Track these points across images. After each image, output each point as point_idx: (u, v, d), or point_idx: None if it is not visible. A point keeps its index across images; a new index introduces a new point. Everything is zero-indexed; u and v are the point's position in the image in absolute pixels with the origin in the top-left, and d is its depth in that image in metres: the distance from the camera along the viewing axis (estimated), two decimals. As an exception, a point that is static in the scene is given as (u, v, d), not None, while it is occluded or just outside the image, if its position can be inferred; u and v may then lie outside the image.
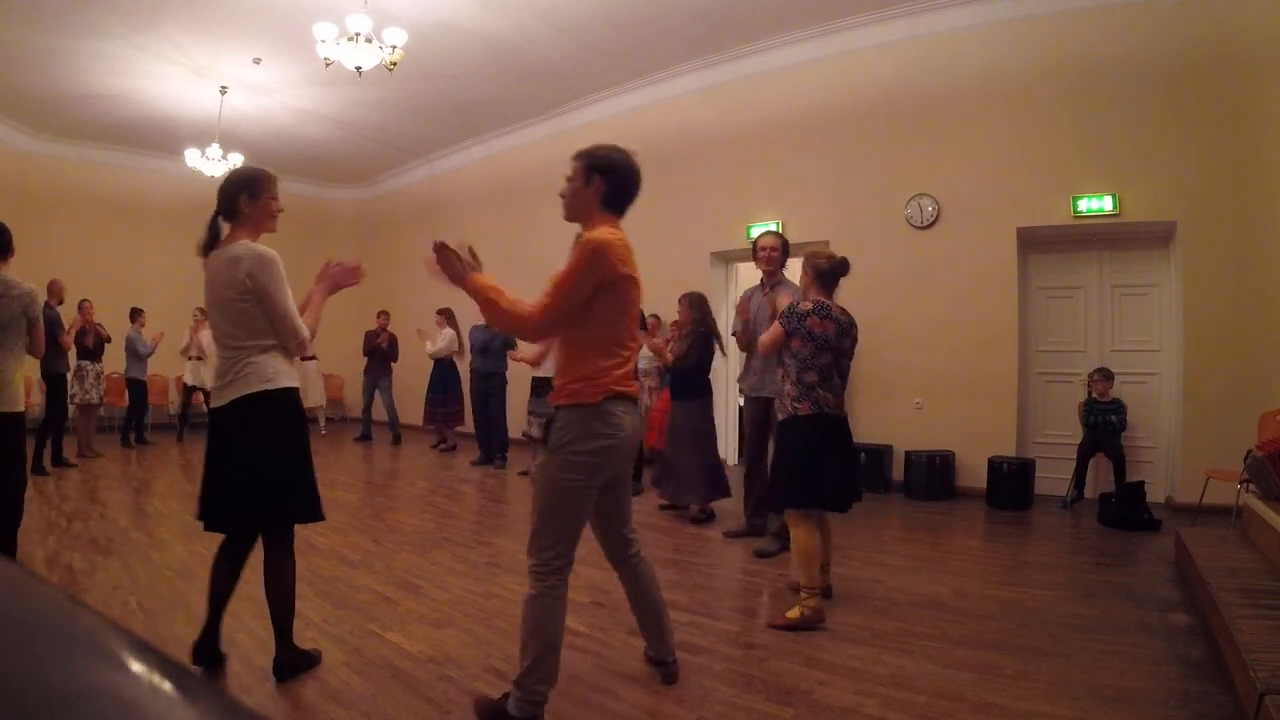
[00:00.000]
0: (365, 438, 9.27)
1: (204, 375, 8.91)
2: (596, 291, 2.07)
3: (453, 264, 2.12)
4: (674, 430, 4.99)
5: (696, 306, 4.90)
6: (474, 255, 2.17)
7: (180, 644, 2.67)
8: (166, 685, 0.28)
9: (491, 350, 7.10)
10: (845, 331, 3.19)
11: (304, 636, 2.78)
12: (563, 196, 2.23)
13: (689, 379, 4.93)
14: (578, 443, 2.07)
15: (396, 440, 9.08)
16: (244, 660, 2.55)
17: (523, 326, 2.11)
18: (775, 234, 4.60)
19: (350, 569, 3.72)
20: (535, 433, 6.11)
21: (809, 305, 3.14)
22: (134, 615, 2.98)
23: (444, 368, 8.29)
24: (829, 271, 3.22)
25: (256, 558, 2.47)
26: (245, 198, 2.41)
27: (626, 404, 2.14)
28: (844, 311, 3.21)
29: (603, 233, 2.10)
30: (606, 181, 2.18)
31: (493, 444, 7.34)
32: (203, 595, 3.17)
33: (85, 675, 0.27)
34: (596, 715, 2.20)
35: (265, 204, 2.43)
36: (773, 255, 4.33)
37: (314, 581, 3.48)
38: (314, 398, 9.94)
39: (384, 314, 9.40)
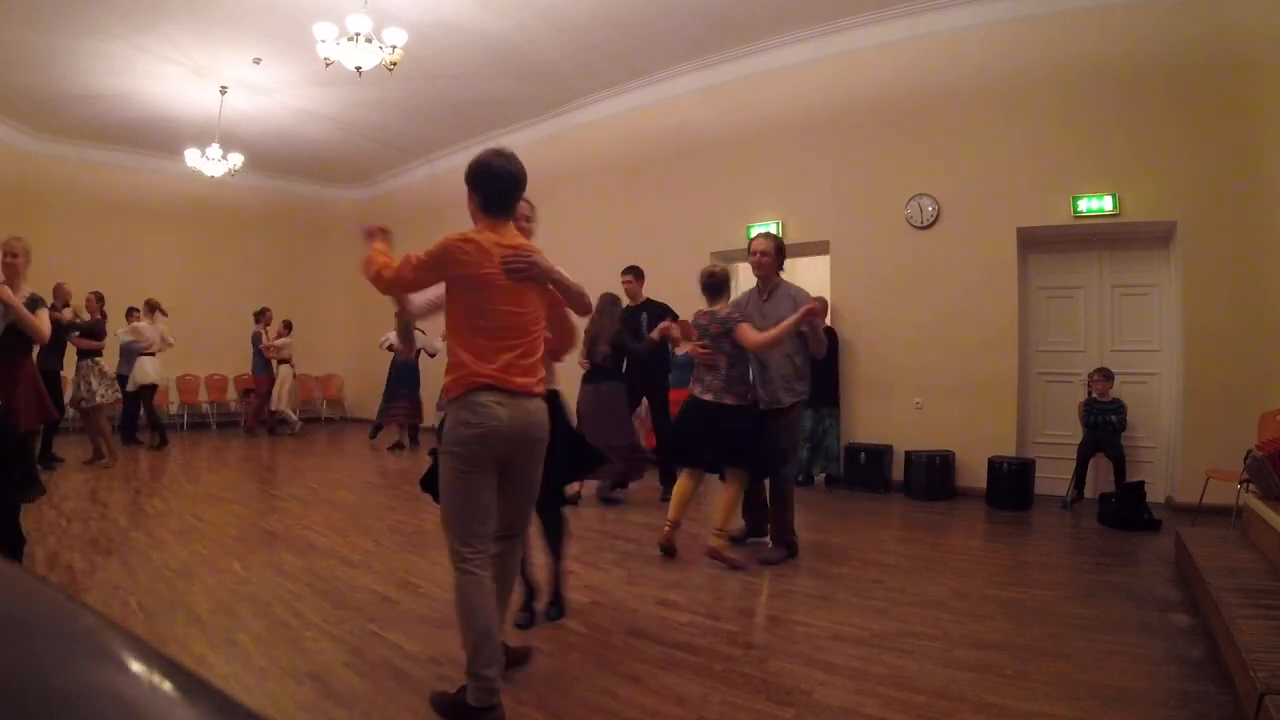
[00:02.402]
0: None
1: (150, 371, 8.20)
2: (448, 288, 2.18)
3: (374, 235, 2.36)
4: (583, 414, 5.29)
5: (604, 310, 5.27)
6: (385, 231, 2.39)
7: (180, 644, 2.67)
8: (166, 685, 0.28)
9: None
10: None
11: (304, 636, 2.78)
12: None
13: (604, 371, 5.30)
14: (450, 434, 2.12)
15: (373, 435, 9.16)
16: (244, 660, 2.55)
17: (373, 276, 2.23)
18: (770, 236, 4.19)
19: (350, 569, 3.71)
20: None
21: (725, 313, 3.86)
22: (134, 615, 2.97)
23: (396, 365, 8.19)
24: (710, 281, 3.99)
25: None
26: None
27: (501, 394, 2.12)
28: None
29: (459, 233, 2.16)
30: (476, 189, 2.22)
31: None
32: (203, 595, 3.19)
33: (85, 675, 0.27)
34: (596, 715, 2.20)
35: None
36: (764, 260, 3.99)
37: (314, 581, 3.48)
38: (284, 400, 9.86)
39: None
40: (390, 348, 7.68)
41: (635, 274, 5.89)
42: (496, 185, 2.20)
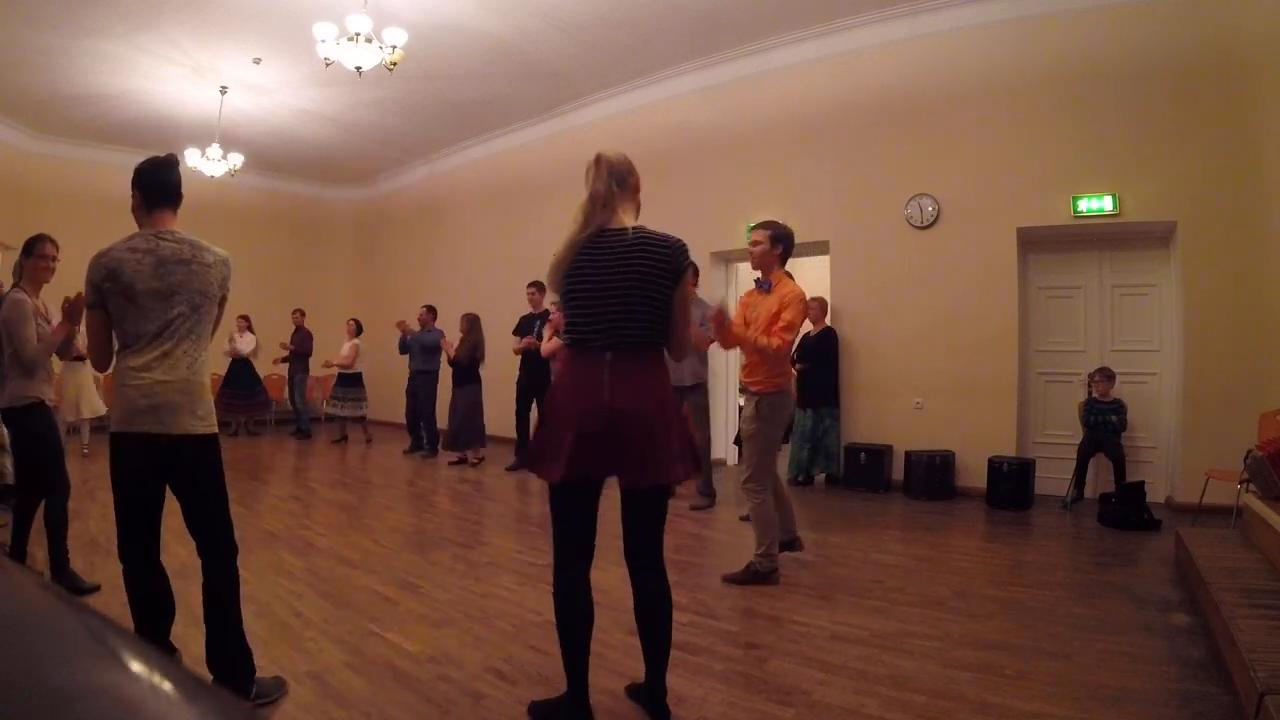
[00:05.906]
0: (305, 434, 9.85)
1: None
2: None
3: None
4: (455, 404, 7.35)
5: (472, 323, 7.46)
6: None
7: (180, 644, 2.66)
8: (166, 685, 0.28)
9: (426, 351, 8.13)
10: None
11: (304, 636, 2.78)
12: None
13: (466, 371, 7.37)
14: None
15: (296, 434, 9.70)
16: (244, 660, 2.54)
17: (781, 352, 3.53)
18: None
19: (350, 569, 3.72)
20: (338, 410, 8.98)
21: None
22: (134, 615, 2.97)
23: (240, 365, 9.49)
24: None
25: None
26: None
27: None
28: None
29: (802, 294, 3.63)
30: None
31: (423, 435, 8.20)
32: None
33: (85, 675, 0.27)
34: (597, 715, 2.20)
35: None
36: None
37: (314, 582, 3.48)
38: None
39: (298, 311, 10.02)
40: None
41: (538, 287, 7.05)
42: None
